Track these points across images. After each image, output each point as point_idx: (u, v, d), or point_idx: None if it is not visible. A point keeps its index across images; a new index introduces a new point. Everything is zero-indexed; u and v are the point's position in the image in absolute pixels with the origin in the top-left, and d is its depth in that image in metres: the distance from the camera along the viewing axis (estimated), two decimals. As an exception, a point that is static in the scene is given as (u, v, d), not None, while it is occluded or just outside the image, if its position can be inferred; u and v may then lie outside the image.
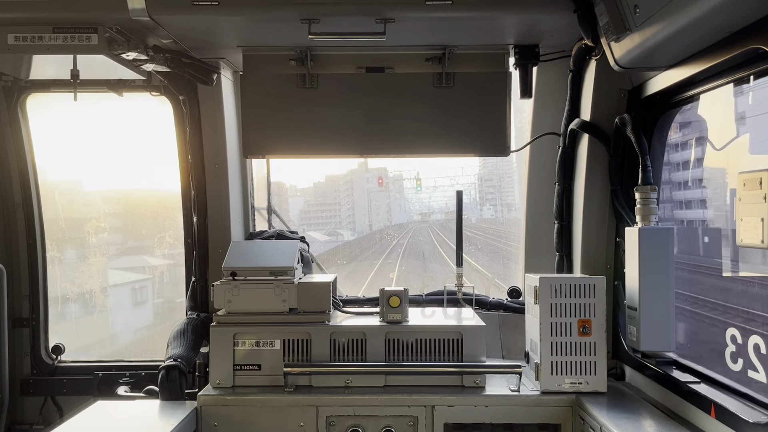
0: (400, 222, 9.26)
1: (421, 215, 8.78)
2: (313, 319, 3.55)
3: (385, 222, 8.89)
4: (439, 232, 9.03)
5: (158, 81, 3.91)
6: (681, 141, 5.05)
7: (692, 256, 6.44)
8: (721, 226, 6.27)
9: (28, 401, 4.23)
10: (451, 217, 8.33)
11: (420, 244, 9.10)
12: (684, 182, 6.39)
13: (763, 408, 2.48)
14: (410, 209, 8.74)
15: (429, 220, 9.03)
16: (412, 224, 9.17)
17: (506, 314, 4.09)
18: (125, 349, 5.06)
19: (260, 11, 3.10)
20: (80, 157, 4.63)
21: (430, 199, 8.23)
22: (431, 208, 8.55)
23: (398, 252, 8.65)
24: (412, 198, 8.46)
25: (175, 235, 4.58)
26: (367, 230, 8.82)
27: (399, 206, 8.69)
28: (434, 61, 3.75)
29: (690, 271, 6.36)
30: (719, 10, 2.18)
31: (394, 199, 8.59)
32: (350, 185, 8.66)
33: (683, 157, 5.72)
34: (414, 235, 9.15)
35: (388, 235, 8.82)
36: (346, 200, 8.51)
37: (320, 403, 3.31)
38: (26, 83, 4.10)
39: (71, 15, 3.05)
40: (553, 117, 3.92)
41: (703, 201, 6.51)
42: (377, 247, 8.59)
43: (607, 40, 2.92)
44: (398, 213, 8.89)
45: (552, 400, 3.28)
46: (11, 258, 4.23)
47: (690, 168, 5.94)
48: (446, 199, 8.11)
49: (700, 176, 6.23)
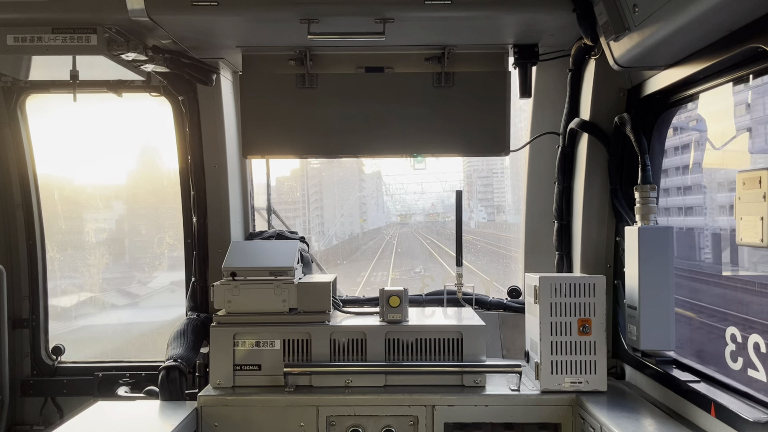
0: (376, 226, 8.12)
1: (400, 217, 7.90)
2: (313, 319, 3.55)
3: (361, 224, 7.68)
4: (437, 241, 8.11)
5: (158, 81, 3.90)
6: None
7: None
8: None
9: (29, 402, 4.23)
10: (433, 219, 7.86)
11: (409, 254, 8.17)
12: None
13: (762, 406, 2.48)
14: (389, 209, 7.79)
15: (410, 223, 8.04)
16: (391, 228, 8.02)
17: (506, 314, 4.09)
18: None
19: (259, 11, 3.10)
20: (79, 157, 4.63)
21: (421, 196, 7.38)
22: (411, 209, 7.69)
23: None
24: (393, 196, 7.47)
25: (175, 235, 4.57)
26: (343, 235, 7.69)
27: (376, 205, 7.75)
28: (433, 60, 3.75)
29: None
30: (718, 9, 2.18)
31: (371, 198, 7.66)
32: (318, 182, 7.51)
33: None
34: (398, 242, 8.08)
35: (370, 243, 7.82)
36: (314, 198, 7.40)
37: (320, 403, 3.31)
38: (25, 84, 4.10)
39: (70, 16, 3.05)
40: (553, 116, 3.93)
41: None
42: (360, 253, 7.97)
43: (607, 40, 2.92)
44: (375, 214, 7.85)
45: (552, 400, 3.28)
46: (11, 258, 4.23)
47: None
48: (432, 197, 7.39)
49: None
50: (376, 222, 8.22)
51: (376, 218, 8.05)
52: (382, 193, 7.66)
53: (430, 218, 7.84)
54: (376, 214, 8.01)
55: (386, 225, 8.30)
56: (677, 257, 3.17)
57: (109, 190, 4.86)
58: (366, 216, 7.95)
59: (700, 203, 5.26)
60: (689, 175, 4.97)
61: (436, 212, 7.51)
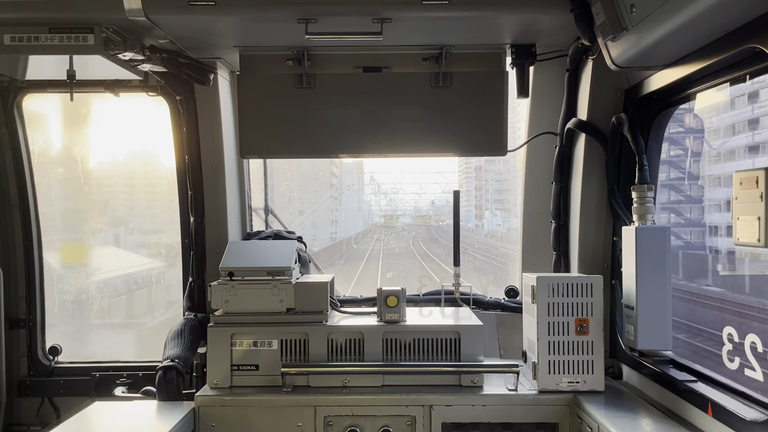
0: (353, 232, 6.50)
1: (384, 218, 6.69)
2: (310, 319, 3.54)
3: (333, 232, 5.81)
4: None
5: (155, 81, 3.90)
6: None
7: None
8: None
9: (25, 402, 4.22)
10: (423, 222, 6.80)
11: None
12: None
13: (759, 406, 2.49)
14: (371, 210, 6.51)
15: (396, 225, 6.71)
16: (375, 233, 6.18)
17: (504, 314, 4.09)
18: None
19: (257, 11, 3.10)
20: (77, 157, 4.63)
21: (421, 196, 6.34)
22: (395, 209, 6.49)
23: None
24: (372, 196, 6.18)
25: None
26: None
27: (355, 205, 6.52)
28: (431, 60, 3.74)
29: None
30: (715, 10, 2.18)
31: (349, 197, 6.52)
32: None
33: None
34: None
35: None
36: (280, 198, 5.63)
37: (318, 403, 3.31)
38: (22, 83, 4.09)
39: (67, 15, 3.04)
40: (550, 116, 3.93)
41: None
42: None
43: (604, 40, 2.93)
44: (353, 215, 6.43)
45: (549, 399, 3.28)
46: (8, 259, 4.22)
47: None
48: (424, 197, 6.35)
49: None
50: (354, 225, 6.59)
51: (353, 220, 6.50)
52: (363, 189, 6.42)
53: (420, 221, 6.93)
54: (356, 216, 6.59)
55: (364, 230, 6.63)
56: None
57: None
58: (341, 215, 6.39)
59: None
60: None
61: (426, 214, 6.59)
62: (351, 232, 6.81)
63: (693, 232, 7.73)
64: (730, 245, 7.11)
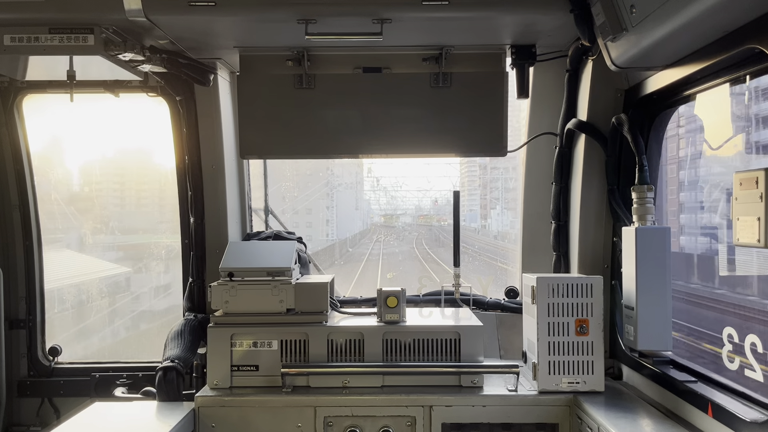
0: (350, 233, 6.09)
1: (384, 218, 6.46)
2: (310, 319, 3.54)
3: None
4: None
5: (155, 81, 3.89)
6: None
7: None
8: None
9: (25, 403, 4.22)
10: (424, 221, 6.65)
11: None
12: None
13: (759, 407, 2.49)
14: (370, 209, 6.12)
15: (396, 225, 6.48)
16: (375, 234, 5.84)
17: (504, 314, 4.09)
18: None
19: (257, 12, 3.10)
20: (76, 156, 4.63)
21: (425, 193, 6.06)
22: (396, 208, 6.20)
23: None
24: (371, 193, 5.84)
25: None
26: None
27: (353, 203, 6.15)
28: (431, 61, 3.74)
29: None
30: (715, 10, 2.18)
31: (344, 194, 6.12)
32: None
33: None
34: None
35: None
36: (274, 195, 5.10)
37: (318, 404, 3.31)
38: (22, 84, 4.09)
39: (67, 16, 3.04)
40: (550, 117, 3.93)
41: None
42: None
43: (604, 40, 2.93)
44: (350, 214, 6.03)
45: (549, 400, 3.28)
46: (8, 259, 4.22)
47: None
48: (427, 195, 6.10)
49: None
50: (351, 226, 6.18)
51: (351, 220, 6.12)
52: (362, 186, 6.11)
53: (421, 220, 6.77)
54: (353, 215, 6.21)
55: (362, 230, 6.26)
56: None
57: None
58: (336, 213, 5.97)
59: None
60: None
61: (425, 214, 6.32)
62: (348, 233, 6.57)
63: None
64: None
